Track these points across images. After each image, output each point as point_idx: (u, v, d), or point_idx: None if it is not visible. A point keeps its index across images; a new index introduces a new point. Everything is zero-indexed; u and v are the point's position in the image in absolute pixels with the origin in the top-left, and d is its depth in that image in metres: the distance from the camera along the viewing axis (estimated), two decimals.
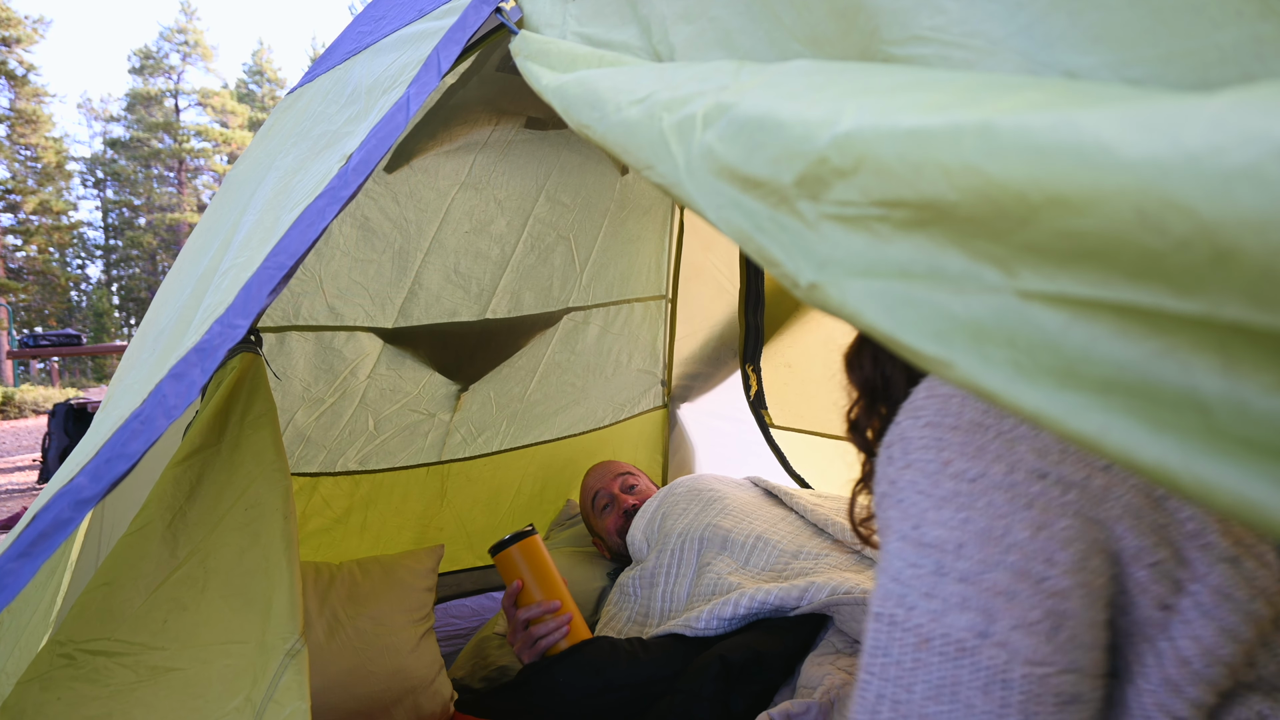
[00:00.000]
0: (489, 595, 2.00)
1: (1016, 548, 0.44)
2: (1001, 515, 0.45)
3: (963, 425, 0.48)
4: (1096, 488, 0.44)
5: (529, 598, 1.27)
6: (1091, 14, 0.34)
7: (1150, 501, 0.44)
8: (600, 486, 1.73)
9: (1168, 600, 0.45)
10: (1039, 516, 0.44)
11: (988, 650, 0.43)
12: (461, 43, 0.76)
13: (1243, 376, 0.23)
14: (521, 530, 1.32)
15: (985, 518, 0.45)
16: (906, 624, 0.46)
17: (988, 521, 0.45)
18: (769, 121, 0.39)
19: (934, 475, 0.48)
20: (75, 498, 0.58)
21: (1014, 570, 0.44)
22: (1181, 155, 0.23)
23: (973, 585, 0.44)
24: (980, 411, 0.47)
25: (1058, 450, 0.45)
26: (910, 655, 0.46)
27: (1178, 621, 0.44)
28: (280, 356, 1.50)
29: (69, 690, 0.61)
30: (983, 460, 0.46)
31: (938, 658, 0.44)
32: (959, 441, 0.47)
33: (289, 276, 0.68)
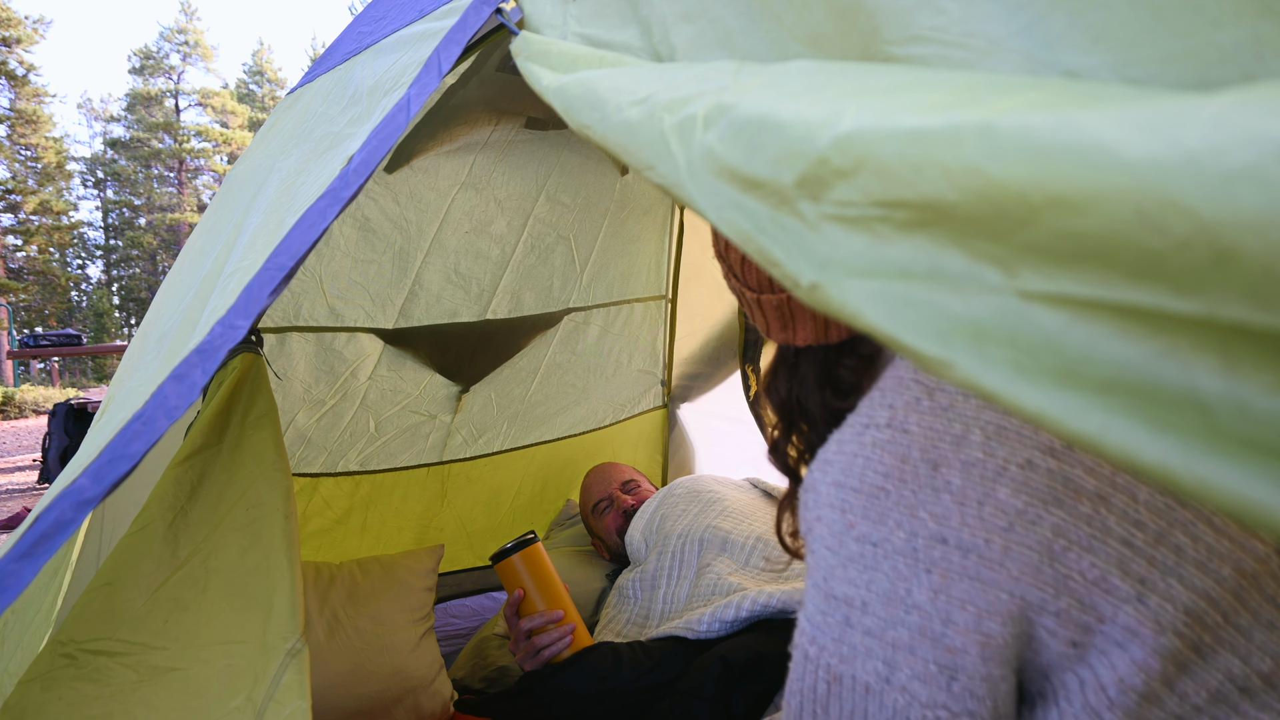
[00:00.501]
0: (489, 595, 2.00)
1: (917, 609, 0.48)
2: (903, 579, 0.48)
3: (865, 489, 0.51)
4: (995, 551, 0.47)
5: (531, 607, 1.26)
6: (1092, 14, 0.34)
7: (1048, 557, 0.47)
8: (600, 488, 1.75)
9: (1077, 639, 0.47)
10: (939, 581, 0.47)
11: (891, 693, 0.48)
12: (462, 44, 0.76)
13: (1243, 377, 0.23)
14: (523, 538, 1.30)
15: (888, 580, 0.49)
16: (819, 660, 0.51)
17: (890, 584, 0.48)
18: (769, 122, 0.39)
19: (840, 535, 0.51)
20: (77, 499, 0.58)
21: (914, 628, 0.47)
22: (1182, 155, 0.23)
23: (876, 639, 0.48)
24: (881, 476, 0.50)
25: (957, 515, 0.48)
26: (824, 685, 0.51)
27: (1093, 654, 0.47)
28: (281, 357, 1.50)
29: (70, 690, 0.61)
30: (885, 526, 0.49)
31: (848, 692, 0.50)
32: (862, 505, 0.50)
33: (290, 277, 0.68)
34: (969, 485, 0.48)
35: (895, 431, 0.51)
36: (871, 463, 0.51)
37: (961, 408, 0.50)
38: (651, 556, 1.47)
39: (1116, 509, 0.47)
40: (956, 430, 0.50)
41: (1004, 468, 0.48)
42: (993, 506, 0.47)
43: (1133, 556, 0.46)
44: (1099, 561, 0.46)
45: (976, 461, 0.48)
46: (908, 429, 0.51)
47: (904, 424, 0.51)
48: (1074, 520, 0.47)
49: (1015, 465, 0.48)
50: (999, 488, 0.48)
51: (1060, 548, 0.47)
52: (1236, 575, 0.46)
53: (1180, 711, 0.46)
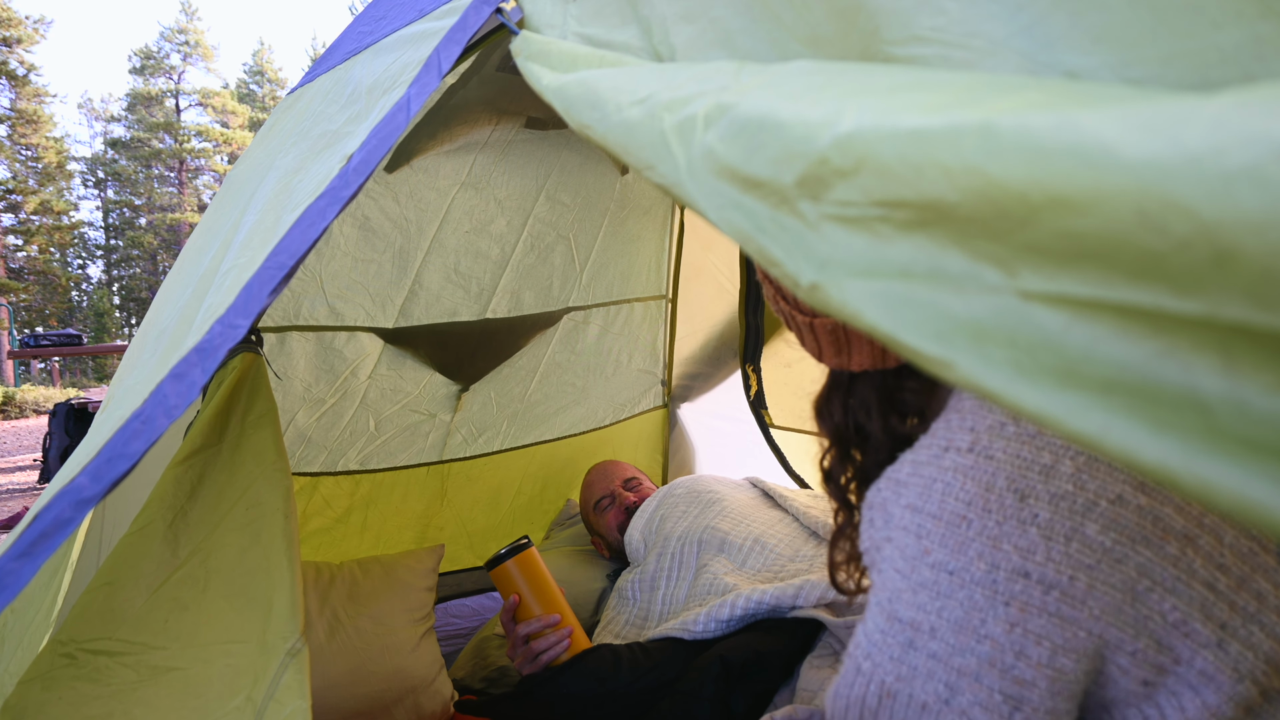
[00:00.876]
0: (489, 595, 2.00)
1: (989, 639, 0.47)
2: (978, 609, 0.48)
3: (945, 515, 0.50)
4: (1079, 589, 0.46)
5: (528, 612, 1.26)
6: (1092, 14, 0.34)
7: (1130, 597, 0.46)
8: (601, 485, 1.74)
9: (1150, 679, 0.47)
10: (1016, 614, 0.47)
11: (947, 715, 0.48)
12: (462, 43, 0.76)
13: (1243, 377, 0.23)
14: (517, 543, 1.30)
15: (962, 609, 0.48)
16: (872, 675, 0.51)
17: (964, 613, 0.48)
18: (770, 122, 0.39)
19: (912, 559, 0.51)
20: (76, 498, 0.58)
21: (984, 658, 0.47)
22: (1182, 156, 0.23)
23: (941, 663, 0.48)
24: (964, 504, 0.49)
25: (1043, 550, 0.47)
26: (874, 699, 0.51)
27: (1162, 693, 0.47)
28: (281, 356, 1.50)
29: (70, 690, 0.61)
30: (965, 556, 0.48)
31: (901, 707, 0.50)
32: (940, 532, 0.50)
33: (290, 276, 0.68)
34: (1057, 519, 0.47)
35: (978, 457, 0.50)
36: (952, 489, 0.50)
37: (1050, 435, 0.49)
38: (651, 557, 1.48)
39: (1203, 551, 0.46)
40: (1046, 460, 0.48)
41: (1094, 502, 0.47)
42: (1080, 543, 0.46)
43: (1215, 601, 0.46)
44: (1181, 604, 0.46)
45: (1066, 494, 0.47)
46: (992, 455, 0.49)
47: (988, 450, 0.50)
48: (1160, 560, 0.46)
49: (1106, 500, 0.47)
50: (1088, 523, 0.47)
51: (1144, 588, 0.46)
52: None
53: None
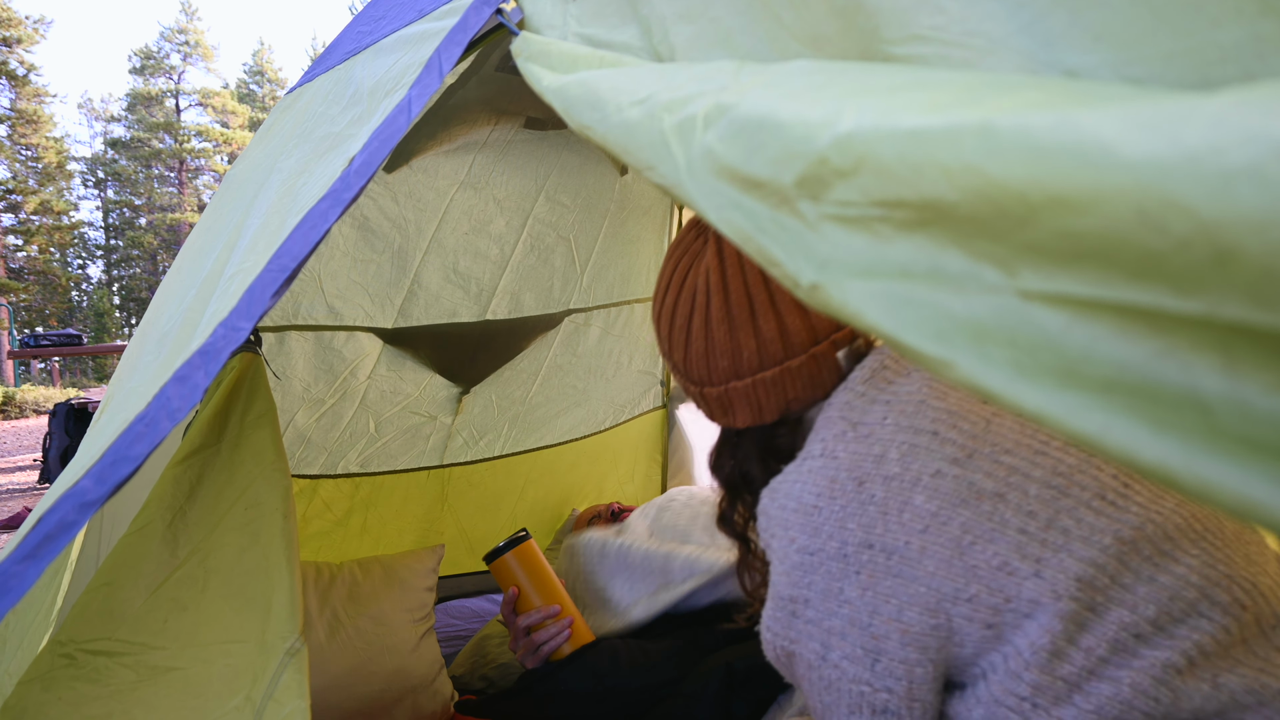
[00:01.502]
0: (488, 597, 2.00)
1: (848, 603, 0.58)
2: (836, 579, 0.59)
3: (801, 508, 0.62)
4: (914, 551, 0.57)
5: (527, 604, 1.27)
6: (1092, 13, 0.34)
7: (958, 552, 0.56)
8: (591, 512, 1.88)
9: (990, 620, 0.56)
10: (866, 580, 0.58)
11: (826, 668, 0.60)
12: (463, 44, 0.76)
13: (1244, 376, 0.23)
14: (515, 536, 1.30)
15: (824, 581, 0.60)
16: (774, 642, 0.65)
17: (826, 584, 0.60)
18: (769, 122, 0.39)
19: (784, 548, 0.63)
20: (79, 500, 0.58)
21: (846, 619, 0.59)
22: (1182, 155, 0.23)
23: (816, 626, 0.60)
24: (814, 495, 0.62)
25: (881, 523, 0.58)
26: (785, 656, 0.65)
27: (1007, 630, 0.56)
28: (280, 356, 1.50)
29: (70, 690, 0.61)
30: (819, 538, 0.60)
31: (800, 664, 0.63)
32: (800, 522, 0.62)
33: (292, 279, 0.68)
34: (890, 496, 0.58)
35: (826, 459, 0.62)
36: (806, 486, 0.62)
37: (879, 433, 0.61)
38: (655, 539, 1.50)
39: (1012, 504, 0.56)
40: (876, 450, 0.60)
41: (918, 478, 0.57)
42: (910, 513, 0.57)
43: (1028, 541, 0.55)
44: (1000, 550, 0.55)
45: (895, 475, 0.58)
46: (836, 455, 0.62)
47: (833, 452, 0.62)
48: (977, 517, 0.56)
49: (928, 475, 0.57)
50: (915, 495, 0.57)
51: (968, 542, 0.56)
52: (1117, 543, 0.54)
53: (1087, 663, 0.53)
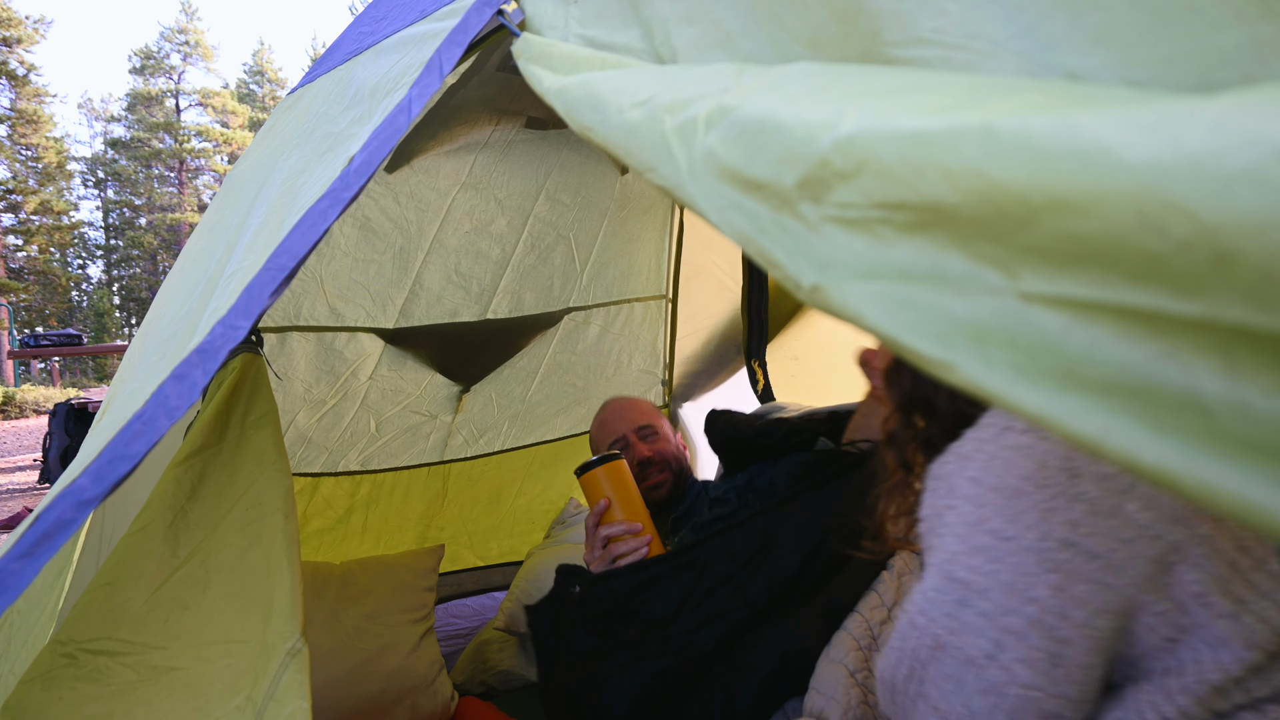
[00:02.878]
0: (489, 595, 2.00)
1: (1036, 602, 0.52)
2: (1027, 574, 0.53)
3: (1003, 489, 0.56)
4: (1118, 560, 0.52)
5: (612, 517, 1.27)
6: (1093, 16, 0.34)
7: (1161, 568, 0.52)
8: (615, 426, 1.58)
9: (1172, 636, 0.53)
10: (1061, 580, 0.52)
11: (992, 669, 0.53)
12: (463, 45, 0.76)
13: (1244, 378, 0.23)
14: (608, 453, 1.33)
15: (1012, 573, 0.53)
16: (926, 630, 0.57)
17: (1013, 576, 0.53)
18: (771, 124, 0.39)
19: (971, 526, 0.56)
20: (77, 498, 0.58)
21: (1029, 618, 0.52)
22: (1182, 158, 0.23)
23: (990, 621, 0.53)
24: (1019, 479, 0.55)
25: (1088, 524, 0.52)
26: (927, 650, 0.57)
27: (1183, 649, 0.52)
28: (281, 357, 1.50)
29: (71, 690, 0.61)
30: (1018, 525, 0.54)
31: (950, 660, 0.55)
32: (998, 503, 0.55)
33: (291, 278, 0.68)
34: (1102, 497, 0.52)
35: (1034, 437, 0.56)
36: (1011, 465, 0.56)
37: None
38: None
39: (1230, 532, 0.51)
40: None
41: (1134, 483, 0.52)
42: (1121, 519, 0.52)
43: (1234, 578, 0.51)
44: (1204, 579, 0.51)
45: (1111, 475, 0.53)
46: (1046, 436, 0.55)
47: (1043, 431, 0.54)
48: (1190, 539, 0.52)
49: (1145, 483, 0.51)
50: (1129, 502, 0.52)
51: (1173, 561, 0.52)
52: None
53: (1242, 701, 0.51)
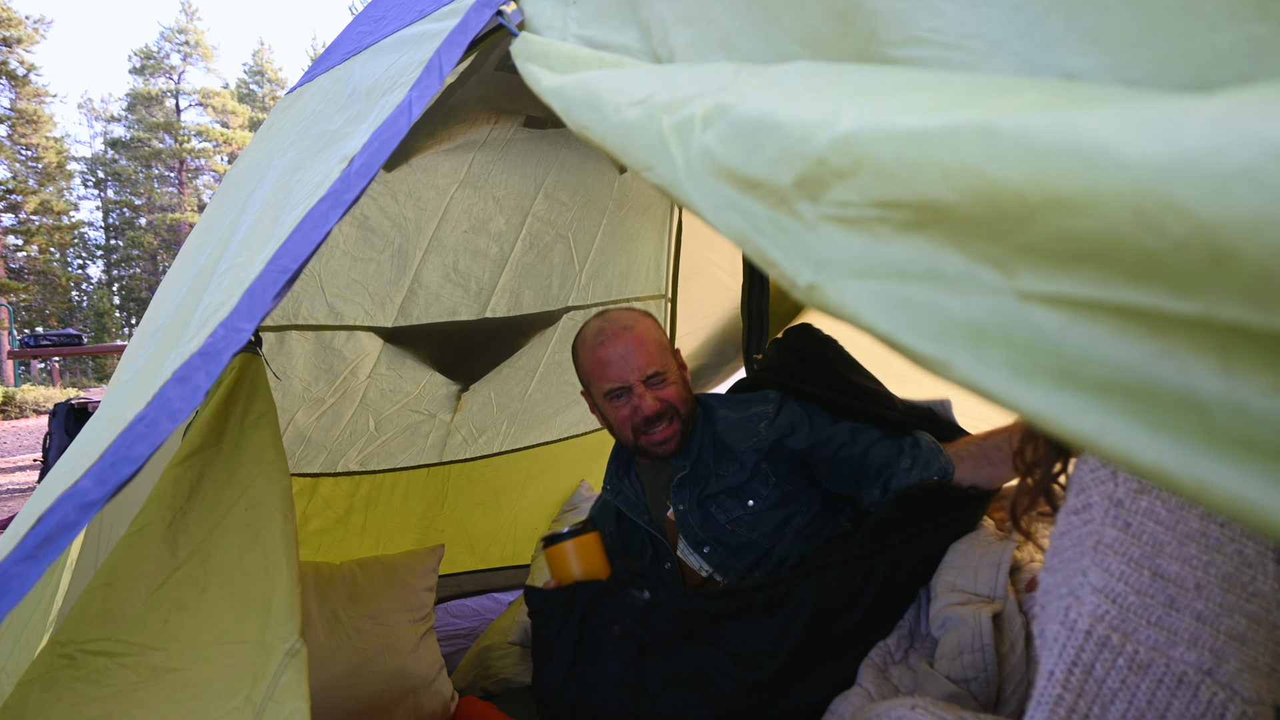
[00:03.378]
0: (490, 596, 2.00)
1: (1259, 596, 0.44)
2: (1249, 564, 0.45)
3: None
4: None
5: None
6: (1089, 16, 0.34)
7: None
8: (618, 371, 1.26)
9: None
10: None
11: (1209, 686, 0.44)
12: (463, 46, 0.76)
13: (1241, 377, 0.23)
14: (579, 526, 1.16)
15: (1233, 564, 0.45)
16: (1122, 648, 0.46)
17: (1234, 568, 0.45)
18: (768, 123, 0.39)
19: (1178, 509, 0.47)
20: (80, 501, 0.58)
21: (1252, 616, 0.44)
22: (1180, 156, 0.23)
23: (1208, 625, 0.44)
24: None
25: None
26: (1119, 677, 0.46)
27: None
28: (280, 356, 1.50)
29: (70, 690, 0.61)
30: None
31: (1151, 684, 0.45)
32: None
33: (294, 280, 0.68)
34: None
35: None
36: None
37: None
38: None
39: None
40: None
41: None
42: None
43: None
44: None
45: None
46: None
47: None
48: None
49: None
50: None
51: None
52: None
53: None
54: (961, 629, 0.98)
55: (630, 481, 1.39)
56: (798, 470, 1.26)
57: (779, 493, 1.25)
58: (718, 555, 1.24)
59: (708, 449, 1.29)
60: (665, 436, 1.26)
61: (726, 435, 1.28)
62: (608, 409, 1.30)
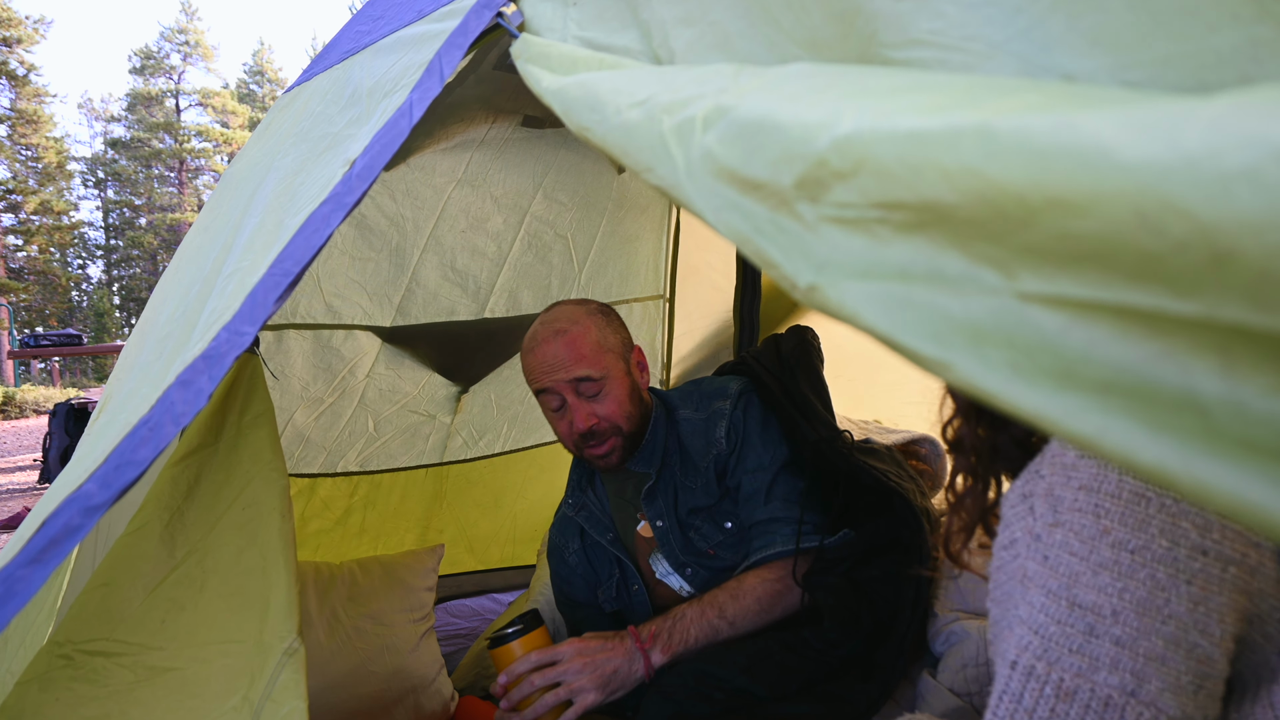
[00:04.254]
0: (490, 596, 2.00)
1: (1174, 619, 0.46)
2: (1162, 588, 0.47)
3: (1124, 494, 0.49)
4: (1251, 563, 0.47)
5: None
6: (1090, 17, 0.34)
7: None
8: (542, 374, 1.14)
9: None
10: (1199, 592, 0.47)
11: (1134, 708, 0.46)
12: (464, 48, 0.76)
13: (1242, 378, 0.23)
14: (525, 617, 1.07)
15: (1145, 589, 0.47)
16: (1048, 677, 0.48)
17: (1148, 592, 0.47)
18: (768, 124, 0.39)
19: (1090, 540, 0.49)
20: (84, 504, 0.58)
21: (1169, 639, 0.46)
22: (1180, 157, 0.23)
23: (1126, 649, 0.47)
24: (1141, 484, 0.49)
25: (1219, 528, 0.47)
26: (1047, 705, 0.48)
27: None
28: (278, 355, 1.50)
29: (67, 691, 0.61)
30: (1145, 533, 0.48)
31: (1079, 710, 0.47)
32: (1120, 511, 0.49)
33: (295, 283, 0.68)
34: None
35: None
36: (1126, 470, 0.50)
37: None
38: None
39: None
40: None
41: None
42: None
43: None
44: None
45: None
46: None
47: None
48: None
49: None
50: None
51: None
52: None
53: None
54: (966, 643, 0.98)
55: (594, 493, 1.31)
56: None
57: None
58: (700, 577, 1.19)
59: (673, 453, 1.21)
60: (604, 452, 1.16)
61: (689, 440, 1.20)
62: (549, 418, 1.20)
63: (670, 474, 1.21)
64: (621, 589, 1.28)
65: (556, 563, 1.36)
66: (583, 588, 1.32)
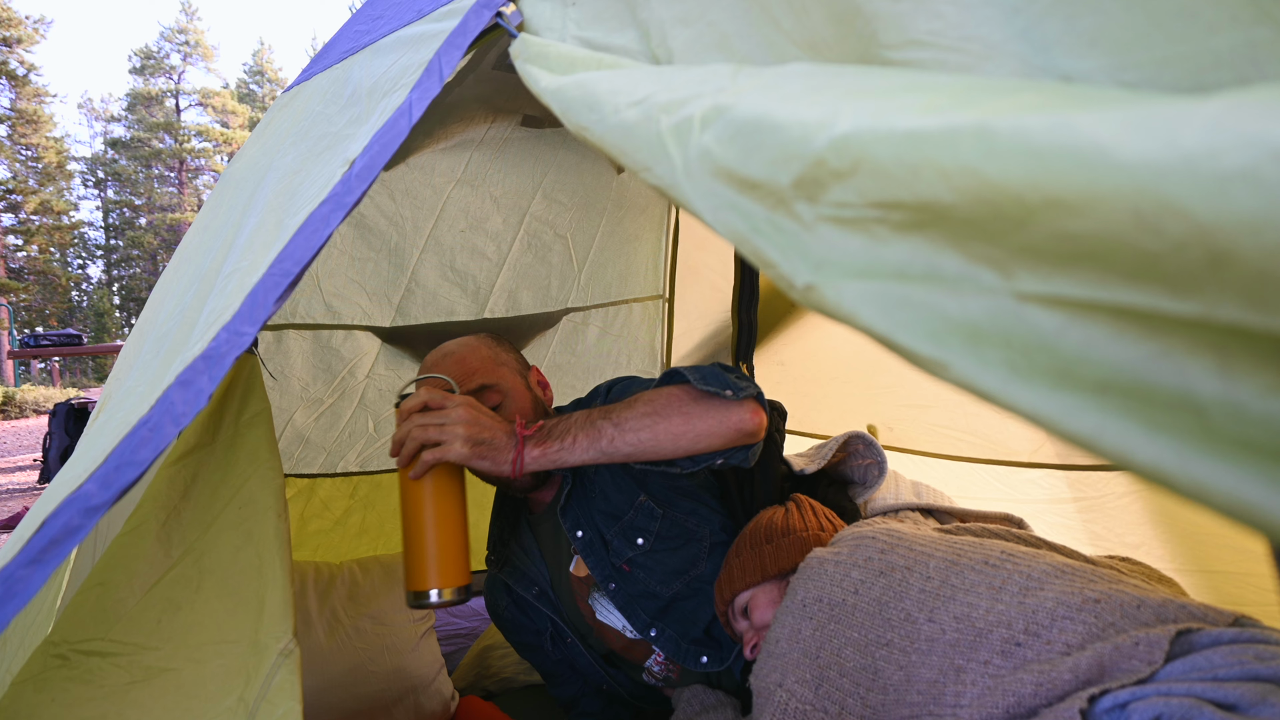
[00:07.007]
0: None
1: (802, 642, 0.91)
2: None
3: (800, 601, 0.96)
4: (848, 607, 0.91)
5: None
6: (1088, 18, 0.34)
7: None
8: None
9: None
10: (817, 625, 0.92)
11: (780, 693, 0.87)
12: (463, 48, 0.76)
13: (1239, 378, 0.23)
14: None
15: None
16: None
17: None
18: (766, 123, 0.39)
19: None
20: (84, 505, 0.58)
21: (801, 651, 0.91)
22: (1178, 158, 0.23)
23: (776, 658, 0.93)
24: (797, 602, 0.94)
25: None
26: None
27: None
28: (278, 355, 1.50)
29: (63, 691, 0.60)
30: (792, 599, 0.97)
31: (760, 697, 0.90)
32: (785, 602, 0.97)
33: (295, 283, 0.68)
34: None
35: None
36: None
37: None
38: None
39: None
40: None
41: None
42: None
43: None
44: (908, 607, 0.86)
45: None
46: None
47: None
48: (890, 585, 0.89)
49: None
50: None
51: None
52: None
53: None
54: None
55: (518, 545, 1.24)
56: (678, 485, 1.12)
57: (672, 528, 1.11)
58: (620, 597, 1.10)
59: (590, 478, 1.14)
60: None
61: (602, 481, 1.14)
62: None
63: (585, 480, 1.16)
64: (557, 642, 1.22)
65: (495, 619, 1.30)
66: (531, 635, 1.26)
